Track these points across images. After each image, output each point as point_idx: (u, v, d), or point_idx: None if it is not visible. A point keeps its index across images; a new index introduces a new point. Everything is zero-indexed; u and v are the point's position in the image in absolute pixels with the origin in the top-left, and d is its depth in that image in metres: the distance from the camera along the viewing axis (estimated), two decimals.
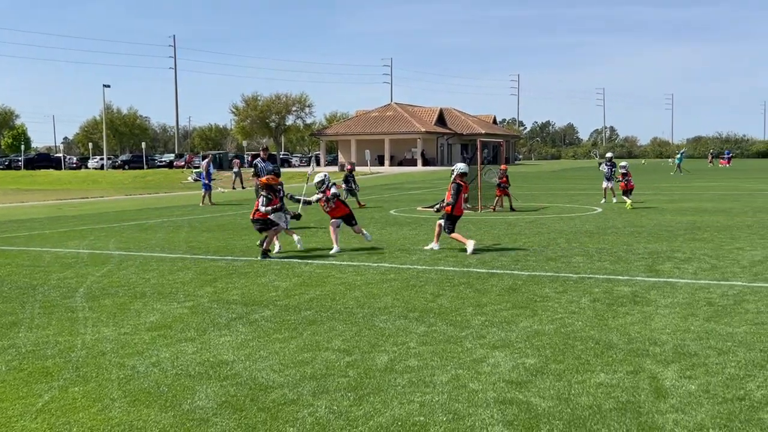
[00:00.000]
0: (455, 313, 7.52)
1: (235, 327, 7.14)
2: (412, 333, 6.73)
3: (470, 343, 6.37)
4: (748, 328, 6.63)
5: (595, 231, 14.65)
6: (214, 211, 22.80)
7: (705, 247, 11.93)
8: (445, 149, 78.69)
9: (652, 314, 7.28)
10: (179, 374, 5.66)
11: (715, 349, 6.00)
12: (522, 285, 8.96)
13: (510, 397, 4.98)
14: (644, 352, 5.98)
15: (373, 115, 77.69)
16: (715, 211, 18.96)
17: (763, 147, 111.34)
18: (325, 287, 9.07)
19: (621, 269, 9.98)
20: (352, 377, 5.48)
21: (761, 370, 5.42)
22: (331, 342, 6.49)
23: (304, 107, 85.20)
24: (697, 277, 9.28)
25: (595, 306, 7.71)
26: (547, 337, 6.51)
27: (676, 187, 32.23)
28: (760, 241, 12.60)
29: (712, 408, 4.71)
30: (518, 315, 7.37)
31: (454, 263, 10.80)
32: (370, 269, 10.40)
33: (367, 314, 7.53)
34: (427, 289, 8.84)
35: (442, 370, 5.62)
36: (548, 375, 5.44)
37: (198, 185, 25.11)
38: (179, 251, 12.84)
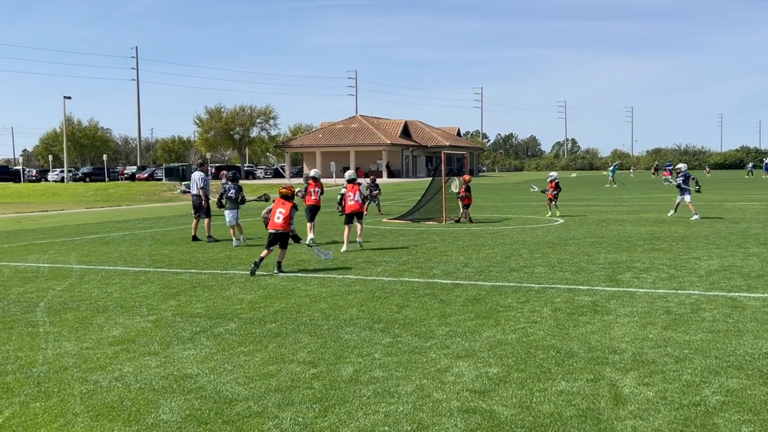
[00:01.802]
0: (420, 323, 7.59)
1: (199, 340, 7.10)
2: (377, 344, 6.78)
3: (435, 353, 6.43)
4: (704, 336, 6.82)
5: (557, 242, 14.88)
6: (179, 223, 22.58)
7: (663, 257, 12.21)
8: (410, 161, 79.07)
9: (611, 323, 7.44)
10: (143, 388, 5.62)
11: (673, 357, 6.16)
12: (485, 295, 9.07)
13: (473, 406, 5.06)
14: (604, 360, 6.11)
15: (339, 127, 77.80)
16: (673, 221, 19.39)
17: (720, 159, 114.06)
18: (291, 300, 9.07)
19: (582, 279, 10.16)
20: (317, 389, 5.51)
21: (716, 377, 5.58)
22: (297, 354, 6.50)
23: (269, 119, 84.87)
24: (656, 286, 9.50)
25: (556, 315, 7.85)
26: (510, 346, 6.61)
27: (636, 198, 32.85)
28: (717, 250, 12.94)
29: (669, 414, 4.84)
30: (482, 325, 7.47)
31: (419, 274, 10.89)
32: (336, 281, 10.43)
33: (333, 326, 7.56)
34: (392, 300, 8.90)
35: (406, 380, 5.67)
36: (511, 383, 5.53)
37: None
38: (142, 264, 12.71)
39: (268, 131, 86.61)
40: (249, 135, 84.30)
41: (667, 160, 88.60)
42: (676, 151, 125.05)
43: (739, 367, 5.79)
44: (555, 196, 22.53)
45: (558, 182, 22.94)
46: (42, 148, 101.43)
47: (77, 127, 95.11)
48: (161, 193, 53.63)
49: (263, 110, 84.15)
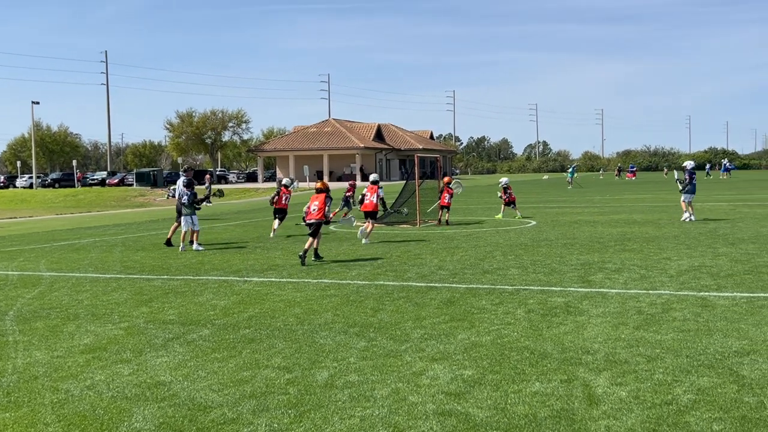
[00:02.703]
0: (395, 327, 7.59)
1: (172, 347, 7.03)
2: (353, 348, 6.77)
3: (410, 356, 6.44)
4: (675, 335, 6.91)
5: (530, 244, 14.99)
6: (150, 229, 22.34)
7: (634, 258, 12.36)
8: (383, 164, 79.13)
9: (584, 324, 7.51)
10: (115, 397, 5.54)
11: (645, 356, 6.23)
12: (460, 298, 9.11)
13: (449, 409, 5.07)
14: (577, 360, 6.17)
15: (312, 131, 77.62)
16: (644, 222, 19.65)
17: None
18: (265, 305, 9.02)
19: (555, 280, 10.25)
20: (292, 394, 5.48)
21: (687, 375, 5.66)
22: (271, 360, 6.46)
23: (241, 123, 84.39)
24: (627, 286, 9.61)
25: (530, 317, 7.90)
26: (484, 348, 6.64)
27: (607, 200, 33.24)
28: (686, 251, 13.14)
29: (642, 413, 4.89)
30: (456, 327, 7.49)
31: (394, 278, 10.89)
32: (310, 285, 10.39)
33: (308, 331, 7.53)
34: (367, 304, 8.89)
35: (382, 384, 5.67)
36: (485, 385, 5.55)
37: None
38: (113, 271, 12.55)
39: (240, 135, 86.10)
40: (221, 139, 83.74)
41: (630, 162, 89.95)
42: (646, 152, 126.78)
43: (710, 366, 5.88)
44: (509, 201, 22.67)
45: (506, 188, 22.92)
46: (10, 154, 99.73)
47: (46, 133, 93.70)
48: (132, 198, 53.06)
49: (235, 114, 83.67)
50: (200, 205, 15.97)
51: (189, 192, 15.78)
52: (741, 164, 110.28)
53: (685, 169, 19.91)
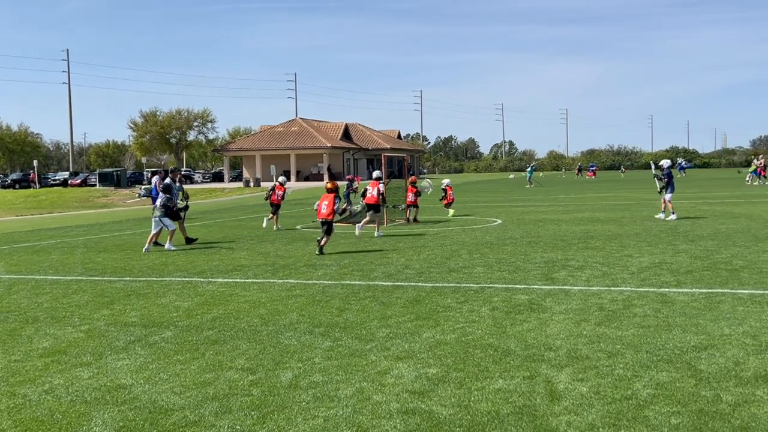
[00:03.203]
0: (360, 326, 7.59)
1: (133, 350, 6.93)
2: (318, 348, 6.75)
3: (375, 355, 6.44)
4: (635, 331, 7.02)
5: (496, 242, 15.10)
6: (113, 230, 22.01)
7: (597, 255, 12.53)
8: (351, 164, 79.06)
9: (547, 320, 7.59)
10: (74, 401, 5.45)
11: (606, 352, 6.32)
12: (425, 296, 9.14)
13: (413, 407, 5.08)
14: (540, 357, 6.23)
15: (278, 130, 77.22)
16: (606, 220, 19.93)
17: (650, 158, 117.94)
18: (229, 306, 8.94)
19: (519, 278, 10.34)
20: (255, 396, 5.44)
21: (647, 371, 5.75)
22: (235, 361, 6.41)
23: (207, 122, 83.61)
24: (590, 283, 9.74)
25: (494, 314, 7.96)
26: (449, 346, 6.67)
27: (571, 198, 33.65)
28: (648, 248, 13.35)
29: (602, 408, 4.96)
30: (421, 326, 7.52)
31: (360, 277, 10.89)
32: (276, 286, 10.34)
33: (272, 331, 7.49)
34: (332, 303, 8.87)
35: (346, 383, 5.66)
36: (449, 383, 5.58)
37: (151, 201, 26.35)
38: (74, 273, 12.33)
39: (205, 135, 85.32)
40: (186, 139, 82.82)
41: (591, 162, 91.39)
42: (609, 151, 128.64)
43: (669, 361, 5.98)
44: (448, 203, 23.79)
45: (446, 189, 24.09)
46: None
47: (6, 132, 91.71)
48: (95, 199, 52.23)
49: (200, 113, 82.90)
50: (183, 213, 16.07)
51: (166, 196, 15.81)
52: (702, 163, 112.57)
53: (662, 168, 20.13)
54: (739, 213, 21.00)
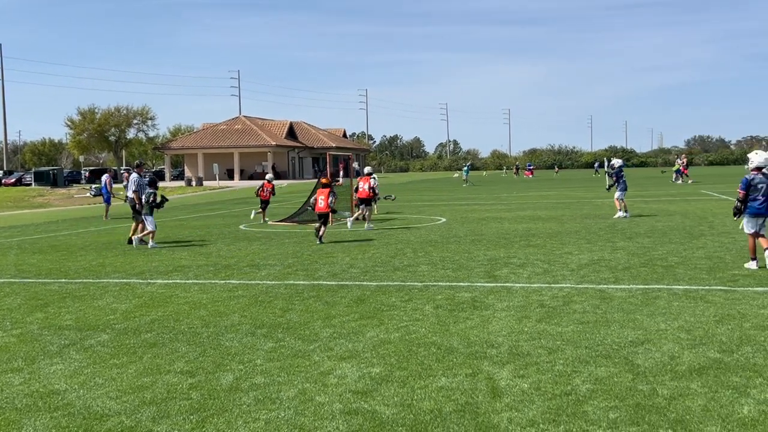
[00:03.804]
0: (304, 326, 7.52)
1: (68, 354, 6.70)
2: (259, 350, 6.65)
3: (318, 356, 6.38)
4: (575, 327, 7.15)
5: (440, 240, 15.20)
6: (49, 230, 21.30)
7: (538, 253, 12.73)
8: (296, 162, 78.56)
9: (490, 318, 7.66)
10: (4, 408, 5.23)
11: (546, 348, 6.41)
12: (370, 295, 9.12)
13: (355, 408, 5.05)
14: (482, 354, 6.28)
15: (221, 128, 76.15)
16: (547, 218, 20.28)
17: (590, 158, 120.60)
18: (168, 307, 8.74)
19: (462, 276, 10.42)
20: (195, 399, 5.32)
21: (586, 366, 5.85)
22: (174, 364, 6.26)
23: (147, 120, 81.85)
24: (531, 281, 9.88)
25: (438, 312, 7.99)
26: (393, 345, 6.66)
27: (514, 197, 34.16)
28: (587, 245, 13.64)
29: (543, 404, 5.02)
30: (365, 325, 7.49)
31: (304, 277, 10.80)
32: (217, 286, 10.16)
33: (213, 333, 7.35)
34: (276, 304, 8.76)
35: (289, 385, 5.59)
36: (393, 382, 5.57)
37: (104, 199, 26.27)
38: (7, 275, 11.88)
39: (145, 132, 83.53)
40: (125, 137, 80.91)
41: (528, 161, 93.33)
42: (551, 150, 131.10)
43: (607, 356, 6.10)
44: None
45: None
46: None
47: None
48: (30, 198, 50.51)
49: (140, 111, 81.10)
50: (162, 206, 15.86)
51: (151, 191, 15.61)
52: (639, 162, 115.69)
53: (614, 168, 20.46)
54: (674, 211, 21.66)
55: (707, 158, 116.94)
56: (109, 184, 25.75)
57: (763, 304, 7.88)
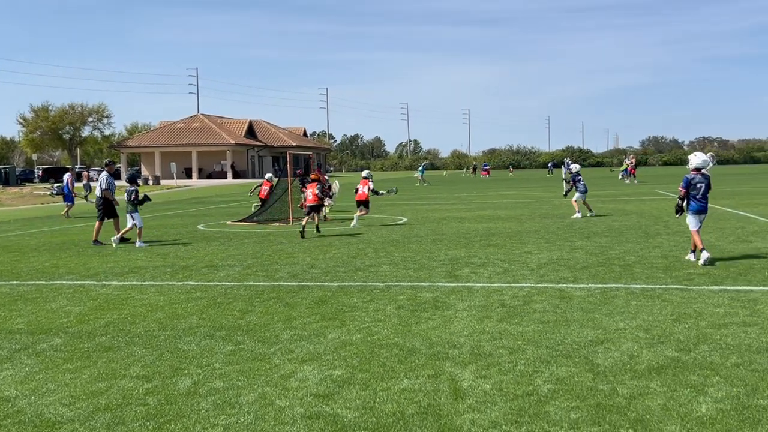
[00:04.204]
0: (264, 329, 7.41)
1: (18, 359, 6.48)
2: (218, 353, 6.52)
3: (278, 358, 6.29)
4: (535, 327, 7.18)
5: (401, 240, 15.18)
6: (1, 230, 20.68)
7: (498, 252, 12.80)
8: (255, 161, 77.87)
9: (451, 318, 7.65)
10: None
11: (507, 348, 6.42)
12: (331, 296, 9.04)
13: (317, 411, 4.97)
14: (444, 355, 6.26)
15: (179, 127, 75.08)
16: (507, 218, 20.44)
17: (548, 158, 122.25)
18: (124, 310, 8.53)
19: (424, 276, 10.41)
20: (151, 405, 5.18)
21: (547, 366, 5.87)
22: (129, 369, 6.10)
23: (102, 118, 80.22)
24: (492, 280, 9.92)
25: (399, 313, 7.96)
26: (355, 346, 6.60)
27: (474, 197, 34.38)
28: (546, 245, 13.76)
29: (505, 405, 5.02)
30: (327, 327, 7.41)
31: (264, 278, 10.66)
32: (175, 288, 9.97)
33: (170, 336, 7.19)
34: (235, 306, 8.63)
35: (248, 389, 5.49)
36: (355, 385, 5.51)
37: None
38: None
39: (101, 131, 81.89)
40: (80, 135, 79.19)
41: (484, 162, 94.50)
42: (509, 151, 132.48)
43: (567, 356, 6.14)
44: None
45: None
46: None
47: None
48: None
49: (95, 108, 79.46)
50: (143, 204, 15.81)
51: (134, 188, 15.59)
52: (595, 162, 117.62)
53: (571, 172, 20.76)
54: (630, 210, 22.03)
55: (661, 158, 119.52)
56: (71, 183, 25.80)
57: (718, 303, 8.03)
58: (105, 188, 16.22)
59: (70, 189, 25.68)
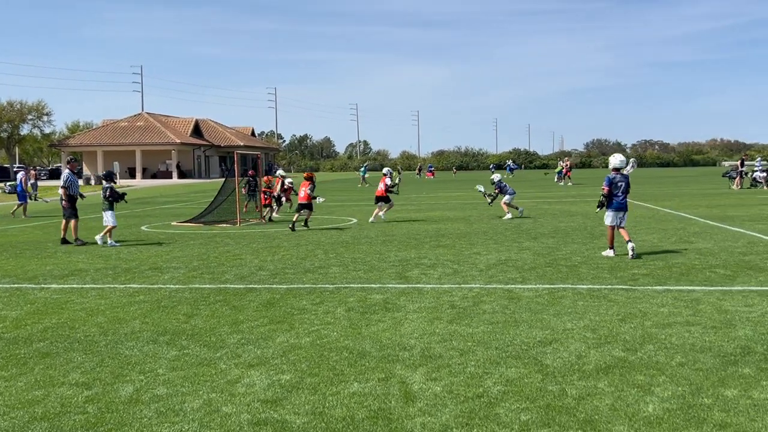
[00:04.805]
0: (210, 333, 7.23)
1: None
2: (162, 358, 6.33)
3: (225, 363, 6.13)
4: (485, 328, 7.19)
5: (351, 241, 15.10)
6: None
7: (448, 253, 12.83)
8: (202, 161, 76.67)
9: (401, 320, 7.61)
10: None
11: (458, 350, 6.40)
12: (280, 299, 8.90)
13: (264, 417, 4.85)
14: (395, 357, 6.20)
15: (123, 125, 73.42)
16: (456, 219, 20.55)
17: (495, 159, 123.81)
18: (63, 314, 8.23)
19: (374, 277, 10.35)
20: (91, 413, 4.98)
21: (497, 367, 5.87)
22: (68, 376, 5.86)
23: (42, 115, 77.83)
24: (441, 281, 9.92)
25: (349, 315, 7.87)
26: (304, 350, 6.49)
27: (423, 198, 34.52)
28: (494, 245, 13.87)
29: (455, 407, 4.98)
30: (275, 330, 7.28)
31: (210, 280, 10.44)
32: (116, 291, 9.67)
33: (111, 341, 6.95)
34: (179, 309, 8.41)
35: (193, 395, 5.32)
36: (303, 390, 5.40)
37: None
38: None
39: (41, 129, 79.44)
40: (18, 133, 76.68)
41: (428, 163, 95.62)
42: (458, 152, 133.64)
43: (517, 357, 6.15)
44: None
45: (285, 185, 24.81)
46: None
47: None
48: None
49: (35, 106, 77.03)
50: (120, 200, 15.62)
51: (109, 185, 15.35)
52: (541, 164, 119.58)
53: (493, 181, 21.13)
54: (576, 211, 22.41)
55: (604, 161, 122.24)
56: (25, 182, 26.22)
57: (662, 303, 8.19)
58: (63, 185, 15.85)
59: (24, 188, 25.94)
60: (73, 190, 15.97)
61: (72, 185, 15.98)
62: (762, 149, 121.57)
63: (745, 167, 38.15)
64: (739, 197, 28.55)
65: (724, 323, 7.17)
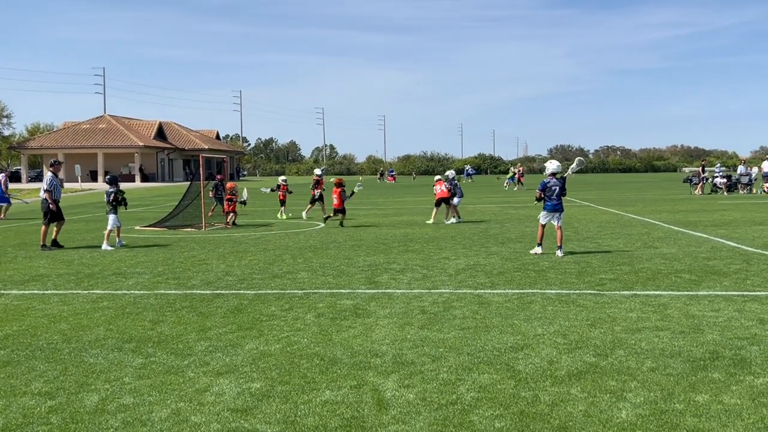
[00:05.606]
0: (177, 340, 7.08)
1: None
2: (128, 366, 6.17)
3: (192, 371, 6.00)
4: (456, 333, 7.16)
5: (319, 246, 14.99)
6: None
7: (417, 258, 12.81)
8: (166, 164, 75.69)
9: (372, 326, 7.54)
10: None
11: (430, 356, 6.36)
12: (248, 305, 8.77)
13: (234, 427, 4.75)
14: (366, 364, 6.13)
15: (84, 128, 72.12)
16: (424, 223, 20.56)
17: (461, 164, 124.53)
18: (24, 321, 7.99)
19: (343, 282, 10.27)
20: (55, 424, 4.82)
21: (470, 373, 5.84)
22: (30, 385, 5.67)
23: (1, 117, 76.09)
24: (411, 286, 9.88)
25: (320, 321, 7.78)
26: (273, 357, 6.39)
27: (390, 202, 34.50)
28: (463, 250, 13.89)
29: (429, 415, 4.93)
30: (244, 337, 7.16)
31: (176, 286, 10.25)
32: (79, 297, 9.43)
33: (75, 349, 6.76)
34: (145, 315, 8.23)
35: (161, 405, 5.19)
36: (274, 398, 5.30)
37: None
38: None
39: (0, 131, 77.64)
40: None
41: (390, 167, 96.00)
42: (423, 157, 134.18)
43: (489, 362, 6.13)
44: None
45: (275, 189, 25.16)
46: None
47: None
48: None
49: None
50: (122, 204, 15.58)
51: (113, 190, 15.25)
52: (505, 169, 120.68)
53: (448, 178, 21.67)
54: None
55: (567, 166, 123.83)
56: (5, 183, 26.06)
57: (630, 308, 8.26)
58: (46, 189, 15.39)
59: (4, 190, 25.86)
60: (56, 194, 15.48)
61: (55, 189, 15.50)
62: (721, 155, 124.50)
63: (706, 173, 38.95)
64: (700, 203, 29.11)
65: (692, 328, 7.25)
